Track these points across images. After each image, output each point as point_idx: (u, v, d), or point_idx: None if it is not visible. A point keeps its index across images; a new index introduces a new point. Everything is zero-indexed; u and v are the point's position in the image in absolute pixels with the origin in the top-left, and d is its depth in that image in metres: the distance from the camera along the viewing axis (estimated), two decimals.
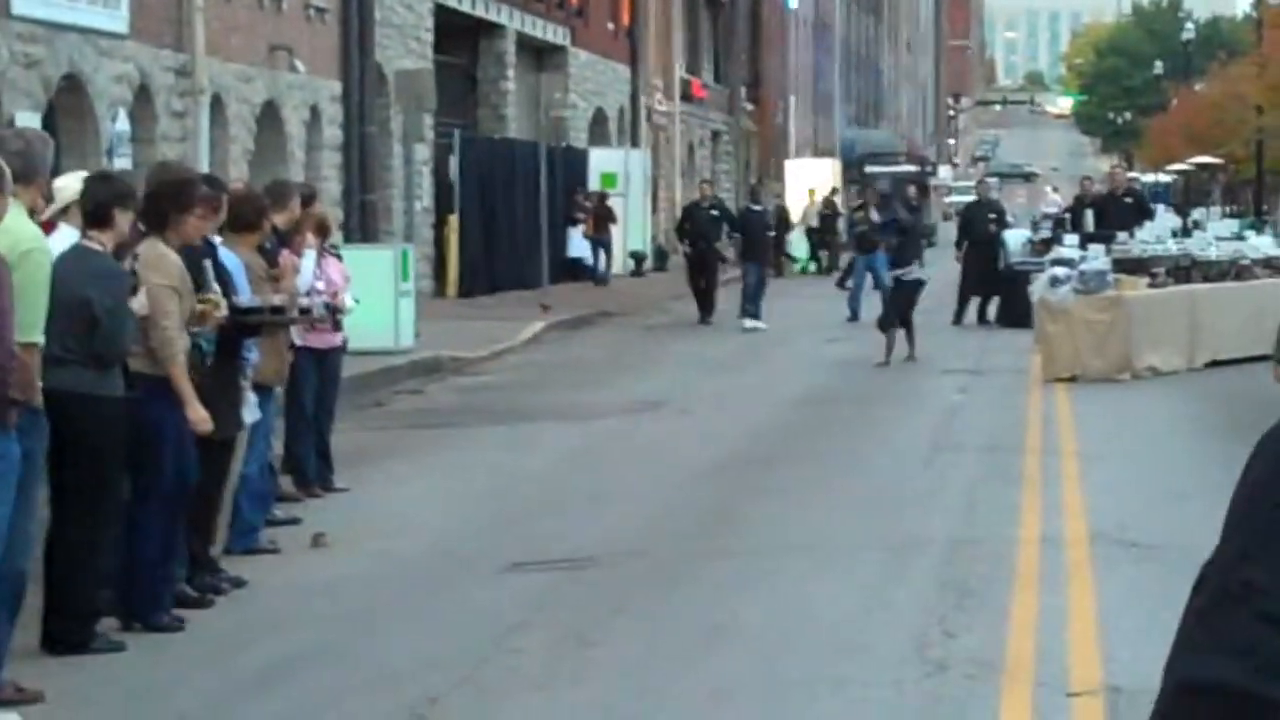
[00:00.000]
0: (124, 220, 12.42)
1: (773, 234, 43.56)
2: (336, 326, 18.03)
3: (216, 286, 13.01)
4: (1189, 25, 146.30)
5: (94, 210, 12.60)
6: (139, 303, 12.21)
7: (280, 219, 16.30)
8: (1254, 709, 2.47)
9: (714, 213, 40.99)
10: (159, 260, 12.73)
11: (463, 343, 30.65)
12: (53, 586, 11.87)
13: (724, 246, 40.41)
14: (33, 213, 11.59)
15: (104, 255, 12.20)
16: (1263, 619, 2.54)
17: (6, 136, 12.70)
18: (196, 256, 13.41)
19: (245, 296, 14.36)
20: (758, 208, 41.72)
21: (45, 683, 11.02)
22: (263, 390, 15.19)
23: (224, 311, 12.95)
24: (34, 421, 11.05)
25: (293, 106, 34.63)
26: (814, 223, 60.22)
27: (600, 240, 48.94)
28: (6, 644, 10.81)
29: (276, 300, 14.32)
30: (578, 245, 47.80)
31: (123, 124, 28.02)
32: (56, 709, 10.74)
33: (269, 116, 33.77)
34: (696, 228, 40.10)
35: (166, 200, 13.34)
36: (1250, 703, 2.47)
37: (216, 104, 31.16)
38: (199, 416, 12.43)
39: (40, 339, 10.88)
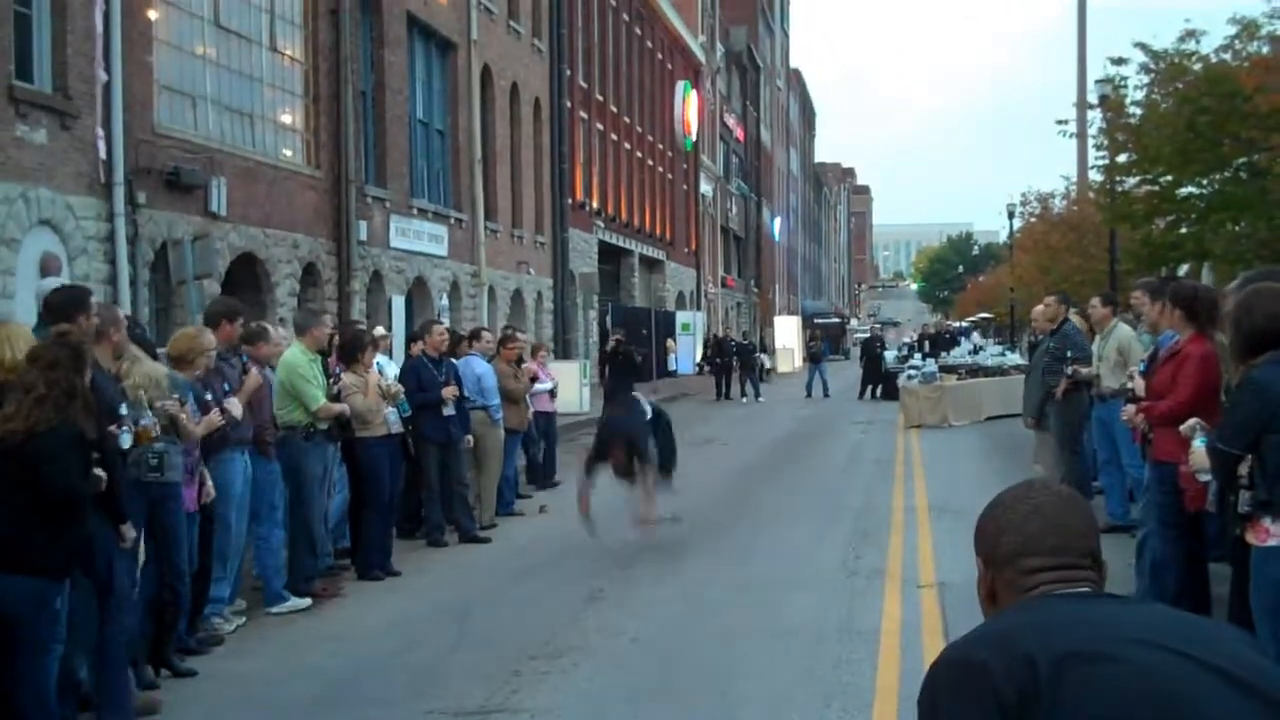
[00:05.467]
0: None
1: (757, 355, 43.18)
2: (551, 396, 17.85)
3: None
4: (976, 247, 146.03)
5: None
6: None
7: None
8: None
9: (733, 343, 41.22)
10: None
11: None
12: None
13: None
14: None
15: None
16: None
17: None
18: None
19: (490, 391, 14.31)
20: (746, 342, 41.68)
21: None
22: (512, 433, 15.19)
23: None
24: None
25: (529, 293, 34.80)
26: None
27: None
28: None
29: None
30: (678, 362, 47.53)
31: (444, 302, 28.24)
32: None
33: (517, 298, 33.95)
34: (723, 351, 40.09)
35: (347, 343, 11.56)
36: None
37: (491, 292, 31.37)
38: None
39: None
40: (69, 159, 15.83)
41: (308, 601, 10.10)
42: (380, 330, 14.37)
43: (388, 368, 12.69)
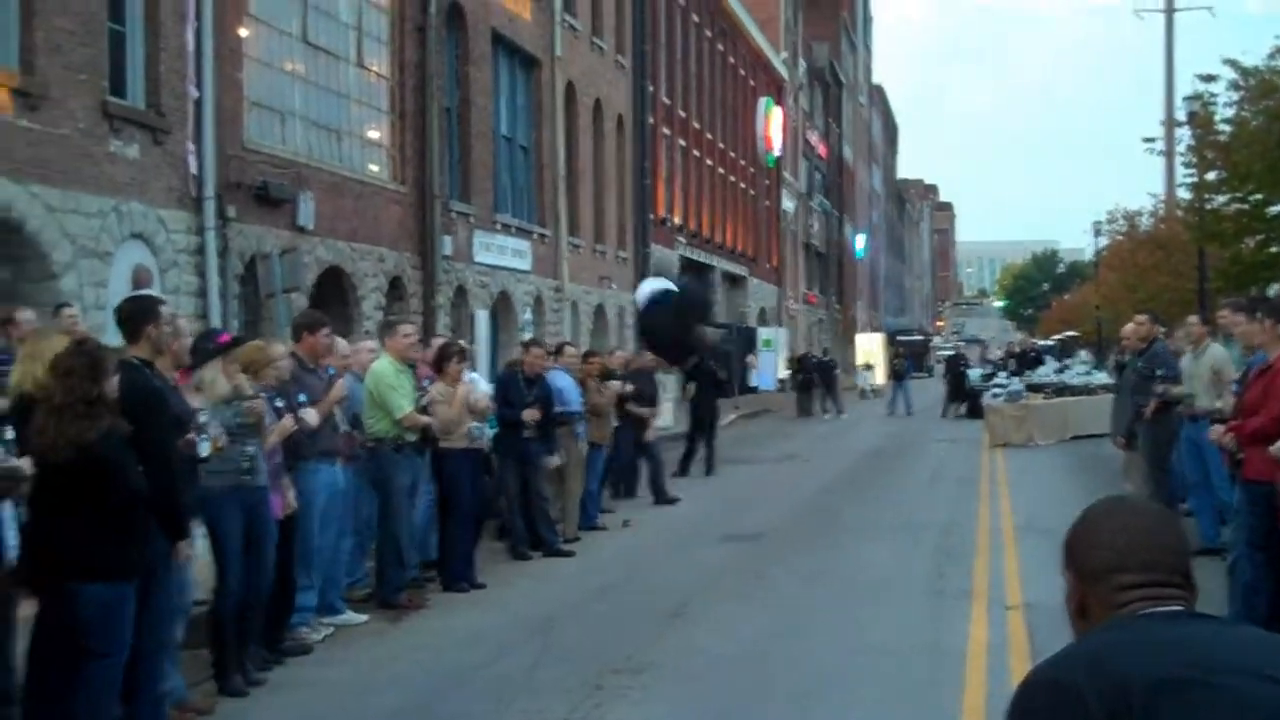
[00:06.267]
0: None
1: (837, 371, 42.91)
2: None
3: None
4: (1061, 265, 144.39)
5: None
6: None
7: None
8: None
9: (814, 360, 41.10)
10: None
11: None
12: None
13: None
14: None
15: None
16: None
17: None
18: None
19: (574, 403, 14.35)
20: (827, 359, 41.57)
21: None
22: (595, 447, 15.25)
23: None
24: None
25: (611, 307, 34.91)
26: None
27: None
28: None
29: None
30: (760, 378, 47.27)
31: (528, 316, 28.40)
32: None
33: (599, 313, 34.07)
34: (806, 367, 39.99)
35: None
36: None
37: (573, 307, 31.50)
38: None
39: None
40: (161, 174, 16.13)
41: (363, 618, 10.06)
42: (462, 344, 14.49)
43: (480, 383, 12.80)
